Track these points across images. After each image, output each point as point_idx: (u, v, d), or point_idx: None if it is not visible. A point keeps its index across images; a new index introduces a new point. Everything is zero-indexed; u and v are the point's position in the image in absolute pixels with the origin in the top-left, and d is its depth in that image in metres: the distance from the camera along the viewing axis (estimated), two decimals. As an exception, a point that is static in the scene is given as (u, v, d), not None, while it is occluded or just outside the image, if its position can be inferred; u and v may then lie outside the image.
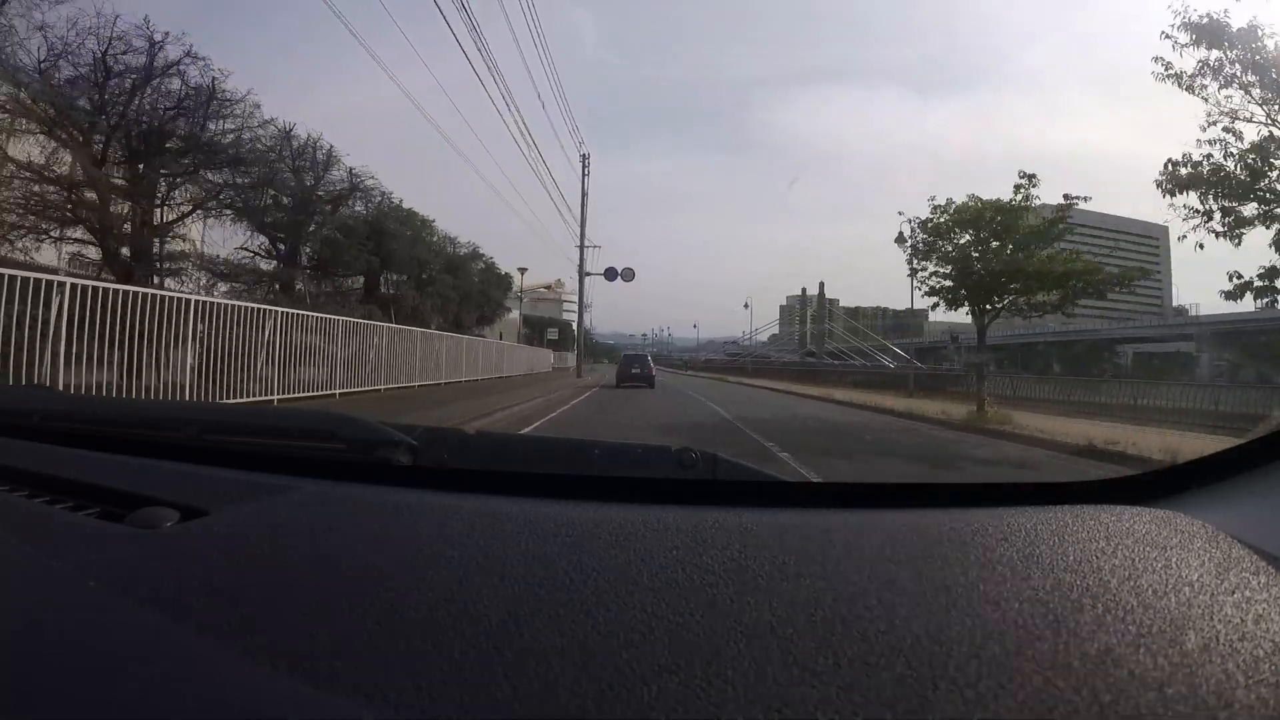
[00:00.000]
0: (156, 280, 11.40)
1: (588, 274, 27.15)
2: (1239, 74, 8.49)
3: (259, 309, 8.58)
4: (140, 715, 0.40)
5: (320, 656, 0.44)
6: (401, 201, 18.87)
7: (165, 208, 12.27)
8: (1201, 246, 8.81)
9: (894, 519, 0.69)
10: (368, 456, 0.88)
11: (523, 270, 32.27)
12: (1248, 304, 9.73)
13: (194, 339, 7.35)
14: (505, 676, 0.42)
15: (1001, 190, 10.87)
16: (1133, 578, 0.55)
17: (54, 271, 7.83)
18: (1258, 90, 8.42)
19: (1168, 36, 8.68)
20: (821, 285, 58.12)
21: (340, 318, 10.71)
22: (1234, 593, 0.53)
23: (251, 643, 0.46)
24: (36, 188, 10.46)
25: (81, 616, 0.51)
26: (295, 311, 9.42)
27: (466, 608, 0.50)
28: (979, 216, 10.87)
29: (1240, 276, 8.76)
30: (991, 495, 0.81)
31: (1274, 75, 8.32)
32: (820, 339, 46.72)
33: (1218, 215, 8.69)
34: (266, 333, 8.44)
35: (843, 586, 0.54)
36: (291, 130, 14.27)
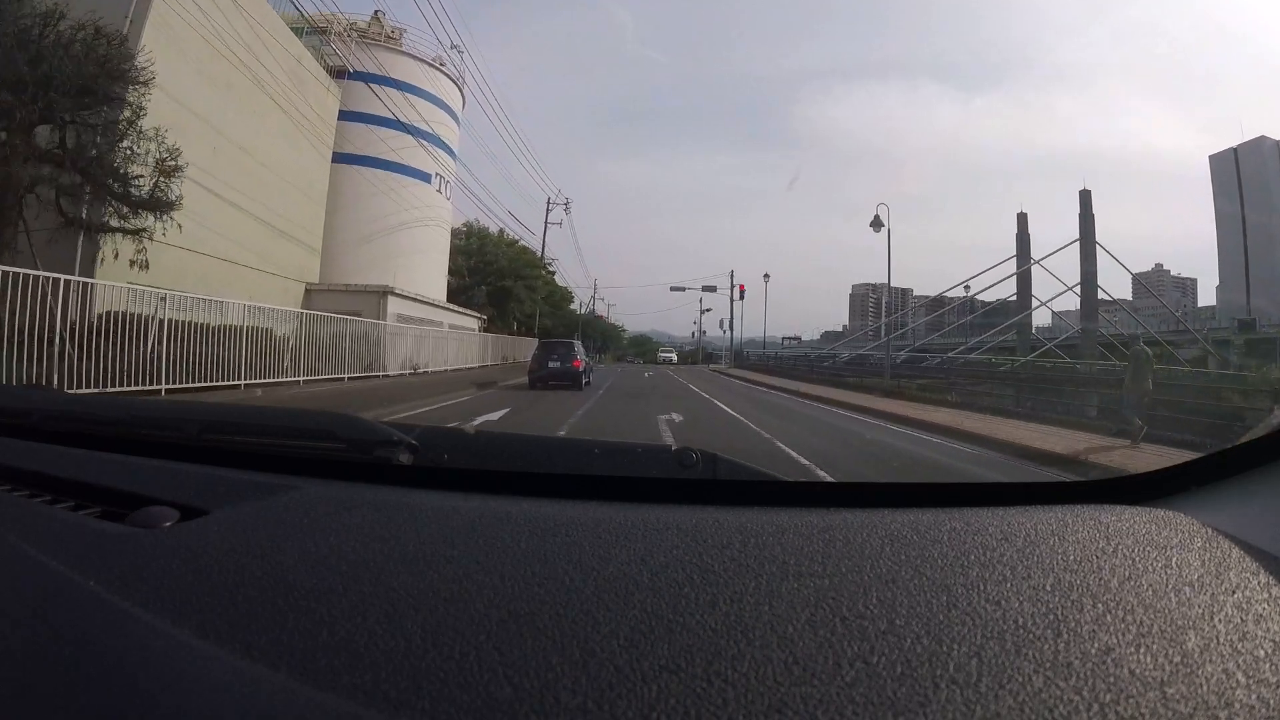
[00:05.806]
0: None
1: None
2: None
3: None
4: (141, 715, 0.40)
5: (320, 656, 0.44)
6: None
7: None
8: None
9: (894, 519, 0.69)
10: (367, 456, 0.88)
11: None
12: None
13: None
14: (505, 676, 0.42)
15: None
16: (1133, 578, 0.55)
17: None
18: None
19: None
20: (1085, 196, 23.52)
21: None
22: (1234, 593, 0.53)
23: (252, 643, 0.46)
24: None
25: (82, 616, 0.51)
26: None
27: (466, 608, 0.50)
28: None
29: None
30: (992, 495, 0.81)
31: None
32: (1091, 314, 24.09)
33: None
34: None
35: (843, 586, 0.54)
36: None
